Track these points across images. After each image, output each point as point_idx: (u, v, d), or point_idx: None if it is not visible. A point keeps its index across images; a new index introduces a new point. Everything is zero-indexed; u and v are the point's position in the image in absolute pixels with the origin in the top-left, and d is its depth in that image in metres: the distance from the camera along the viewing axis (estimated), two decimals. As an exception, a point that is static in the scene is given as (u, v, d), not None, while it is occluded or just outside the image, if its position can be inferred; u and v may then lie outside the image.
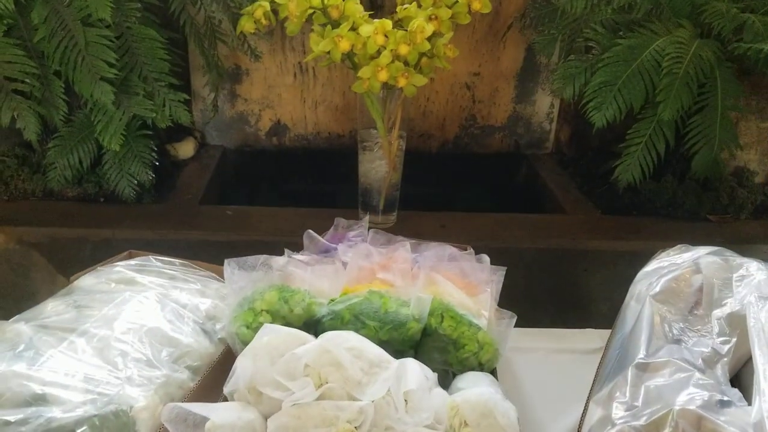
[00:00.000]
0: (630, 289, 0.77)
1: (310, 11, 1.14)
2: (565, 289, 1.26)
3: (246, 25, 1.17)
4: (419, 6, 1.15)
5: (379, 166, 1.24)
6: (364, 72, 1.13)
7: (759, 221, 1.35)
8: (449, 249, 0.84)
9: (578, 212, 1.39)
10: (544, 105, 1.61)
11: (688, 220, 1.34)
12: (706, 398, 0.54)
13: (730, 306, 0.70)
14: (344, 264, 0.77)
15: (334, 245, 0.84)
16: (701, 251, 0.80)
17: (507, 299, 0.83)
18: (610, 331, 0.75)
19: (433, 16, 1.14)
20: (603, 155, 1.45)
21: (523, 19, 1.49)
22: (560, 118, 1.62)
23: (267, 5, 1.16)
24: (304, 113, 1.61)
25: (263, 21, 1.17)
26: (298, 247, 0.87)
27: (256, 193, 1.63)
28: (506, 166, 1.64)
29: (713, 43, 1.24)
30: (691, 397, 0.53)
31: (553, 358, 0.87)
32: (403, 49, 1.12)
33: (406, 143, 1.24)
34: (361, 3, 1.17)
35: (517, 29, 1.52)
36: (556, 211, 1.43)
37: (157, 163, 1.31)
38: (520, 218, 1.37)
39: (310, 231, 0.86)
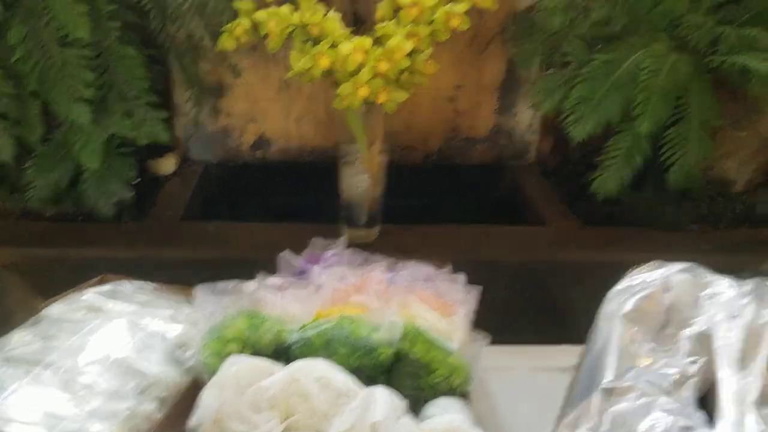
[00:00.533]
0: (601, 308, 0.77)
1: (291, 29, 1.15)
2: (547, 301, 1.27)
3: (226, 42, 1.18)
4: (399, 23, 1.16)
5: (360, 180, 1.24)
6: (344, 88, 1.13)
7: (738, 230, 1.36)
8: (425, 268, 0.84)
9: (560, 223, 1.40)
10: (526, 116, 1.62)
11: (668, 230, 1.34)
12: (669, 423, 0.54)
13: (699, 325, 0.70)
14: (318, 287, 0.77)
15: (310, 266, 0.84)
16: (673, 268, 0.80)
17: (488, 314, 0.83)
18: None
19: (411, 33, 1.15)
20: (584, 166, 1.46)
21: (504, 33, 1.49)
22: (542, 129, 1.63)
23: (247, 23, 1.16)
24: (288, 127, 1.61)
25: (244, 38, 1.18)
26: (281, 264, 0.87)
27: (240, 208, 1.63)
28: (489, 177, 1.64)
29: (690, 56, 1.24)
30: (653, 423, 0.54)
31: (530, 376, 0.87)
32: (383, 66, 1.12)
33: (390, 156, 1.24)
34: (344, 18, 1.17)
35: (498, 43, 1.52)
36: (537, 223, 1.43)
37: (138, 180, 1.31)
38: (503, 230, 1.38)
39: (285, 252, 0.86)
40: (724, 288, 0.76)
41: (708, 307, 0.73)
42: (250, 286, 0.75)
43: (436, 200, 1.63)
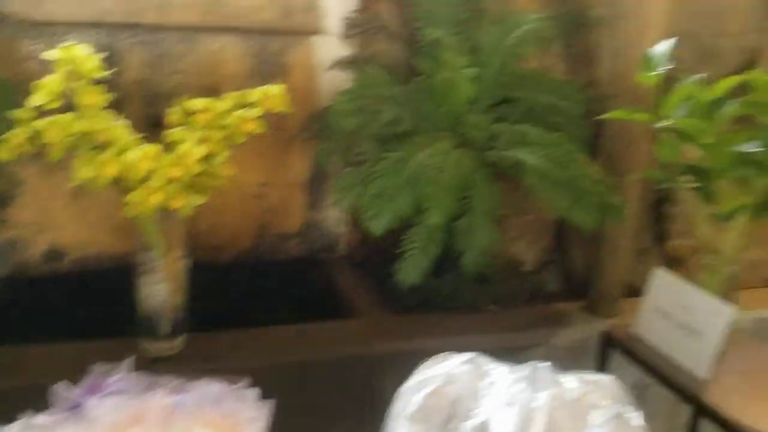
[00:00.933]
0: (390, 408, 0.79)
1: (74, 137, 1.10)
2: (362, 397, 1.27)
3: (2, 153, 1.10)
4: (191, 128, 1.16)
5: (159, 290, 1.19)
6: (134, 196, 1.10)
7: (531, 308, 1.48)
8: (215, 387, 0.81)
9: (371, 315, 1.43)
10: (336, 210, 1.66)
11: (470, 312, 1.42)
12: None
13: (479, 416, 0.74)
14: (93, 421, 0.71)
15: (87, 397, 0.78)
16: (457, 360, 0.84)
17: (304, 419, 0.81)
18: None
19: (204, 138, 1.15)
20: (391, 256, 1.52)
21: (306, 131, 1.54)
22: (351, 222, 1.68)
23: (25, 133, 1.09)
24: (82, 235, 1.51)
25: (23, 148, 1.11)
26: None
27: (33, 327, 1.48)
28: (302, 273, 1.65)
29: (471, 152, 1.36)
30: None
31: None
32: (175, 172, 1.11)
33: (198, 258, 1.21)
34: (139, 122, 1.15)
35: (301, 140, 1.57)
36: (350, 315, 1.45)
37: None
38: (316, 327, 1.38)
39: (59, 384, 0.79)
40: (502, 376, 0.81)
41: (487, 396, 0.77)
42: (14, 428, 0.67)
43: (249, 301, 1.59)
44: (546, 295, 1.54)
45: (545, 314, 1.45)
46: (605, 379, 0.83)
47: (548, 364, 0.83)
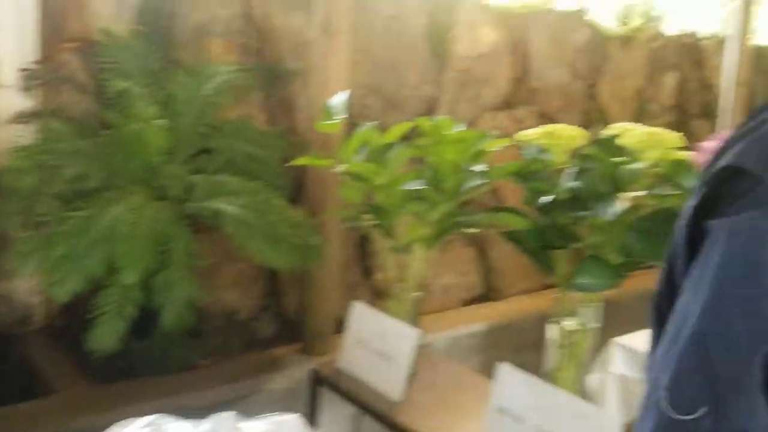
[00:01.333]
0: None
1: None
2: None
3: None
4: None
5: None
6: None
7: (247, 357, 1.47)
8: None
9: (72, 389, 1.30)
10: (28, 279, 1.49)
11: (181, 370, 1.37)
12: None
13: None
14: None
15: None
16: (137, 425, 0.80)
17: None
18: None
19: None
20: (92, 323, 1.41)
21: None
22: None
23: None
24: None
25: None
26: None
27: None
28: (-13, 352, 1.45)
29: (168, 204, 1.32)
30: None
31: None
32: None
33: None
34: None
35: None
36: (47, 392, 1.31)
37: None
38: (2, 412, 1.22)
39: None
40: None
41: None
42: None
43: None
44: (262, 341, 1.55)
45: (261, 361, 1.46)
46: (290, 418, 0.85)
47: (232, 413, 0.83)
